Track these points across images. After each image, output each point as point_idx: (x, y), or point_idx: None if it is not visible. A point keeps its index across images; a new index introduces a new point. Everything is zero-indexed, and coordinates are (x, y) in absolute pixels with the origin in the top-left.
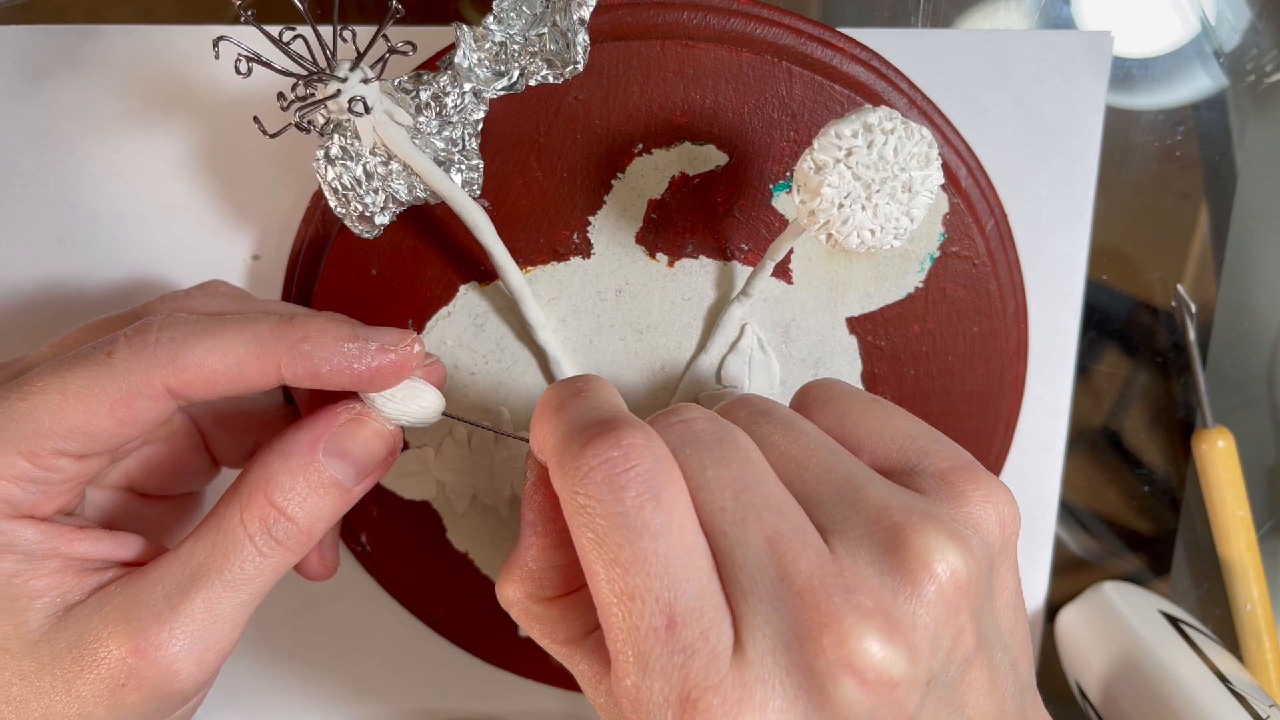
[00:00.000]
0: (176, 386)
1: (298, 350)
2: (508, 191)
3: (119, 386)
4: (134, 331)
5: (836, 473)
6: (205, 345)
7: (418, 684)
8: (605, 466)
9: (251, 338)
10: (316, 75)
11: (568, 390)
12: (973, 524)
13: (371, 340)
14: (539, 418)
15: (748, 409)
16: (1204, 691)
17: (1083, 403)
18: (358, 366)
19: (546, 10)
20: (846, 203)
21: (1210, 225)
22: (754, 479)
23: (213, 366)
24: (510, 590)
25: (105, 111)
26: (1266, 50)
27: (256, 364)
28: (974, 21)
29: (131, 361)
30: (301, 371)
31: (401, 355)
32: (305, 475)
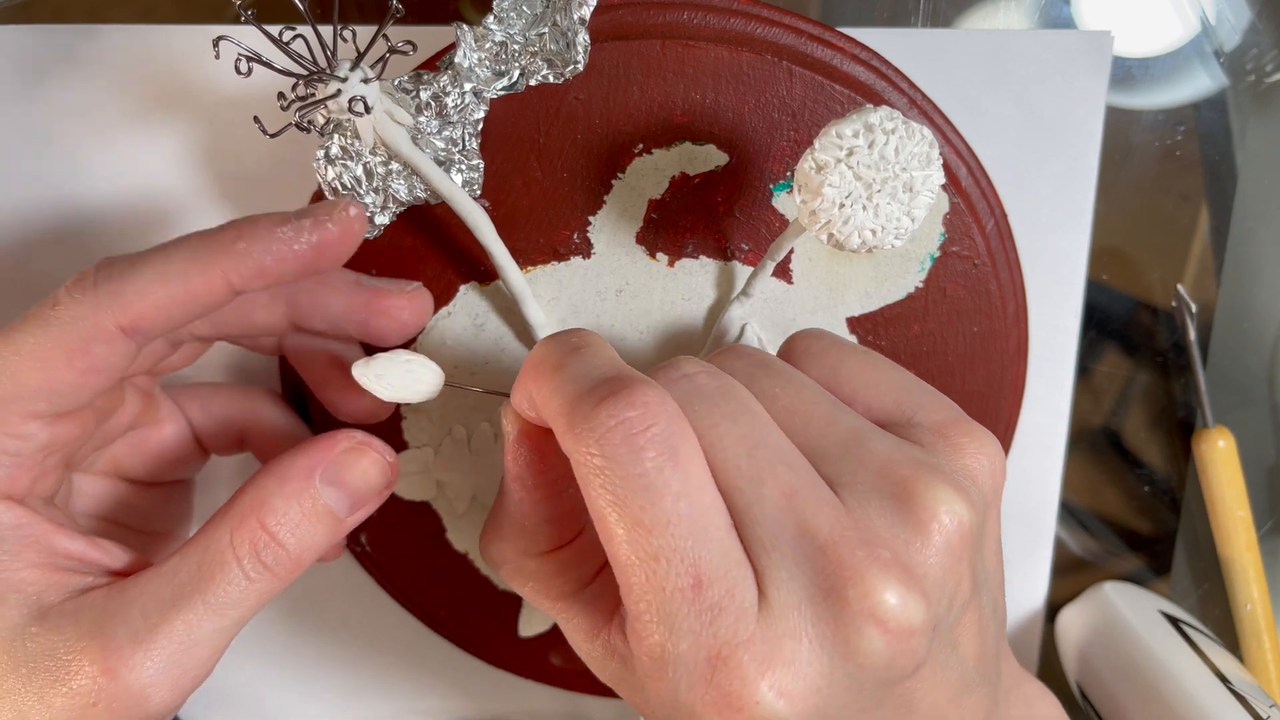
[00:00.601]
0: (128, 323)
1: (234, 251)
2: (508, 191)
3: (70, 335)
4: (73, 280)
5: (840, 426)
6: (144, 275)
7: (418, 684)
8: (622, 427)
9: (188, 253)
10: (316, 75)
11: (564, 346)
12: (969, 475)
13: (304, 217)
14: (535, 375)
15: (743, 360)
16: (1204, 692)
17: (1083, 403)
18: (298, 246)
19: (547, 10)
20: (848, 202)
21: (1210, 225)
22: (763, 434)
23: (158, 293)
24: (499, 548)
25: (105, 111)
26: (1267, 50)
27: (200, 278)
28: (974, 21)
29: (75, 309)
30: (246, 271)
31: (339, 222)
32: (299, 501)
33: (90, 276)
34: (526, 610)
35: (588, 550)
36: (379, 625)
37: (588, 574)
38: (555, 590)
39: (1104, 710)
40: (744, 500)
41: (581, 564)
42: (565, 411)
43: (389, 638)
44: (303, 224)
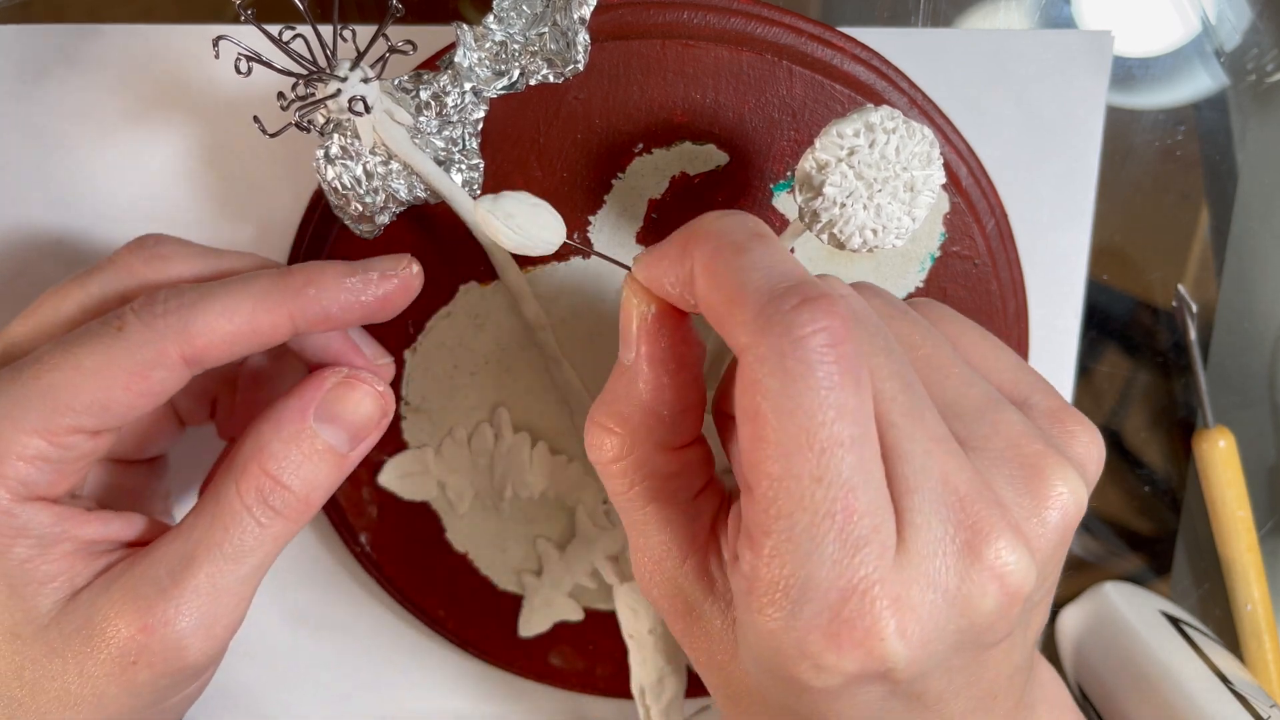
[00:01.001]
0: (191, 354)
1: (304, 296)
2: None
3: (134, 360)
4: (141, 304)
5: (976, 389)
6: (214, 309)
7: (418, 684)
8: (823, 335)
9: (259, 293)
10: (316, 75)
11: (744, 228)
12: (1080, 463)
13: (371, 270)
14: (713, 253)
15: (881, 299)
16: (1205, 692)
17: (1083, 403)
18: (365, 298)
19: (547, 9)
20: (849, 202)
21: (1211, 225)
22: (912, 376)
23: (224, 329)
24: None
25: (105, 111)
26: (1267, 50)
27: (267, 318)
28: (974, 21)
29: (144, 334)
30: (313, 316)
31: (404, 278)
32: (298, 443)
33: (160, 303)
34: (526, 610)
35: (708, 455)
36: (379, 626)
37: (700, 482)
38: (669, 493)
39: (1104, 710)
40: (895, 436)
41: (703, 468)
42: (758, 302)
43: (389, 638)
44: (370, 277)
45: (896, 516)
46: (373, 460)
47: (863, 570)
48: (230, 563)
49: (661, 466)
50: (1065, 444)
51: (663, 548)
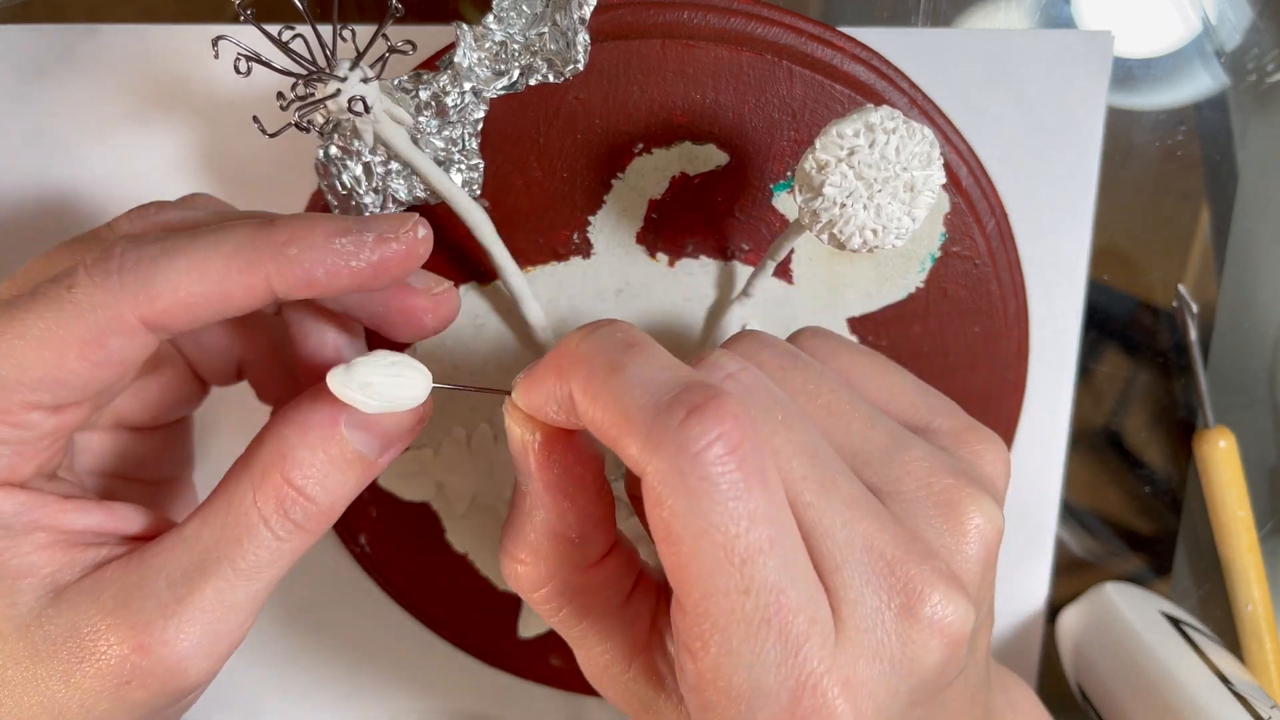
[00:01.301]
0: (151, 317)
1: (284, 255)
2: (508, 191)
3: (86, 325)
4: (95, 259)
5: (880, 430)
6: (178, 265)
7: (418, 684)
8: (718, 445)
9: (231, 249)
10: (316, 75)
11: (614, 343)
12: (990, 482)
13: (367, 230)
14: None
15: (769, 351)
16: (1205, 692)
17: (1084, 403)
18: (356, 263)
19: (547, 9)
20: (849, 202)
21: (1211, 225)
22: (818, 440)
23: (190, 289)
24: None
25: (105, 111)
26: (1268, 50)
27: (240, 279)
28: (974, 21)
29: (96, 294)
30: (294, 279)
31: (405, 242)
32: (326, 450)
33: (116, 258)
34: (526, 610)
35: (629, 557)
36: (378, 626)
37: (628, 584)
38: (599, 606)
39: (1104, 711)
40: (812, 516)
41: (627, 571)
42: (645, 422)
43: (388, 638)
44: (364, 238)
45: (829, 595)
46: None
47: (808, 666)
48: (242, 579)
49: (584, 584)
50: (974, 465)
51: (606, 657)
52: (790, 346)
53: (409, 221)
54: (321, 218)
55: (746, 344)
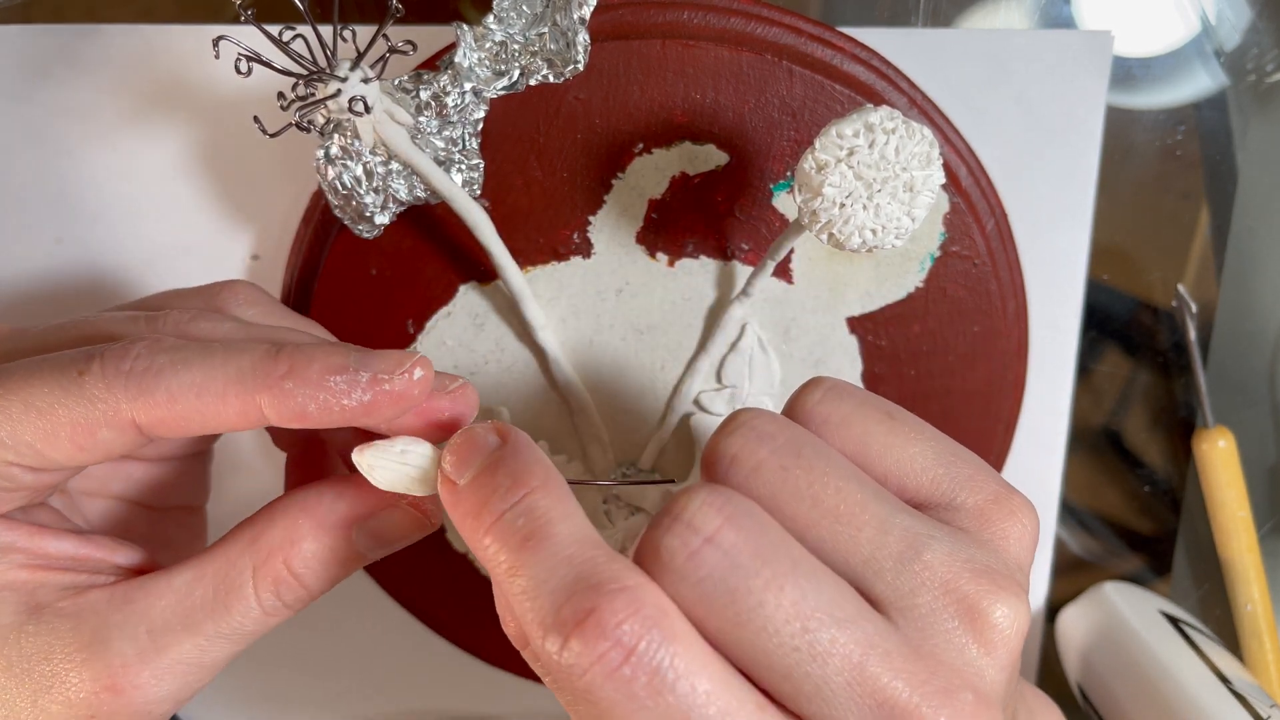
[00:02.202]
0: (146, 423)
1: (279, 388)
2: (508, 191)
3: (83, 412)
4: (111, 354)
5: (893, 534)
6: (182, 379)
7: (418, 684)
8: (601, 665)
9: (234, 374)
10: (316, 75)
11: (513, 538)
12: (1016, 564)
13: (364, 369)
14: (489, 565)
15: (768, 448)
16: (1204, 692)
17: (1083, 403)
18: (347, 402)
19: (547, 9)
20: (848, 202)
21: (1211, 225)
22: (815, 593)
23: (187, 404)
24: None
25: (105, 111)
26: (1267, 50)
27: (235, 403)
28: (974, 21)
29: (100, 388)
30: (286, 411)
31: (399, 386)
32: (333, 548)
33: (130, 358)
34: None
35: None
36: (378, 625)
37: None
38: None
39: (1105, 711)
40: (810, 685)
41: None
42: (535, 634)
43: (389, 638)
44: (358, 378)
45: None
46: None
47: None
48: (223, 641)
49: None
50: (999, 550)
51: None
52: (791, 435)
53: (406, 362)
54: (324, 351)
55: (741, 440)
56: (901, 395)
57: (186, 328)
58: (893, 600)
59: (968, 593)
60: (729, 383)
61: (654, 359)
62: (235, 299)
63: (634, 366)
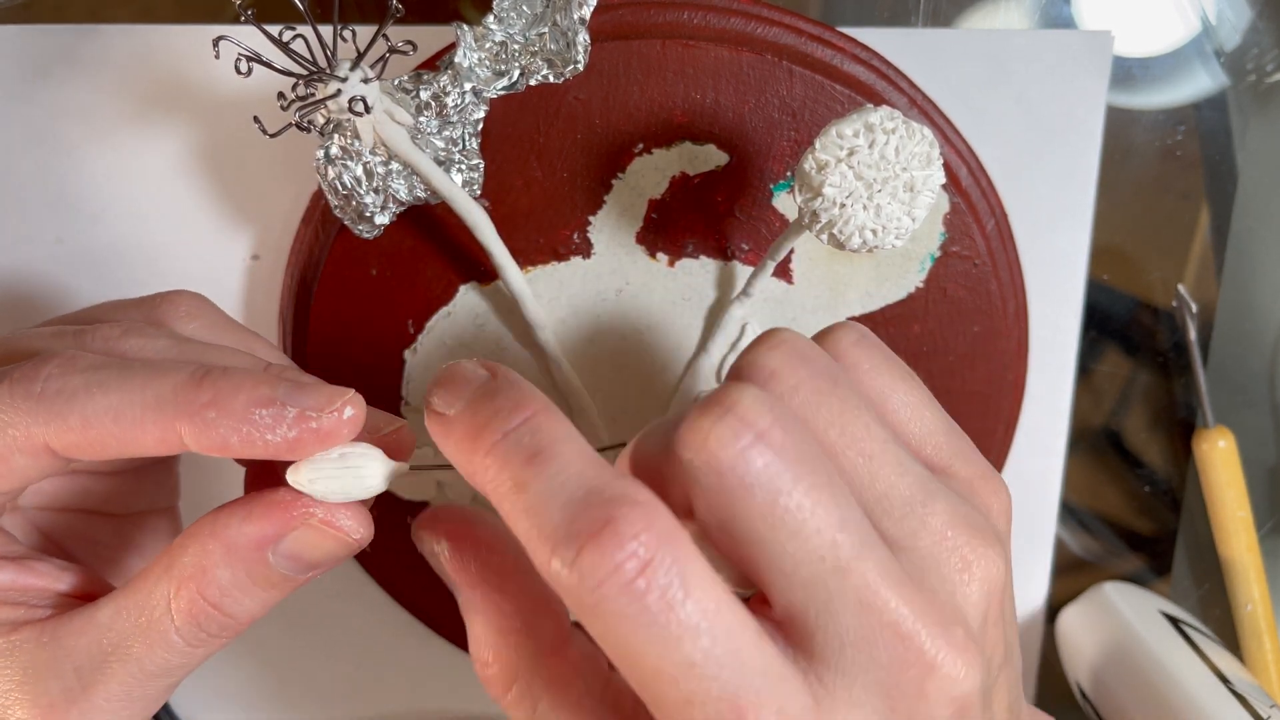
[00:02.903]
0: (61, 447)
1: (201, 417)
2: (508, 191)
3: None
4: (21, 375)
5: (907, 479)
6: (97, 403)
7: (418, 684)
8: (616, 577)
9: (152, 400)
10: (316, 75)
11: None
12: (999, 535)
13: (291, 405)
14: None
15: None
16: (1204, 692)
17: (1083, 403)
18: (271, 438)
19: (547, 10)
20: (848, 202)
21: (1211, 225)
22: (846, 509)
23: (104, 429)
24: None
25: (105, 111)
26: (1267, 50)
27: (155, 429)
28: (974, 21)
29: (11, 414)
30: (207, 442)
31: (326, 425)
32: (250, 572)
33: (40, 380)
34: None
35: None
36: (378, 625)
37: (604, 664)
38: (574, 696)
39: (1105, 711)
40: (825, 596)
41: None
42: (542, 549)
43: (388, 638)
44: (285, 414)
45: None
46: None
47: None
48: (150, 677)
49: (552, 675)
50: (986, 515)
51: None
52: (828, 363)
53: (337, 400)
54: (252, 380)
55: (783, 357)
56: None
57: (116, 344)
58: (897, 537)
59: (961, 544)
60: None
61: (654, 359)
62: (176, 311)
63: (634, 366)
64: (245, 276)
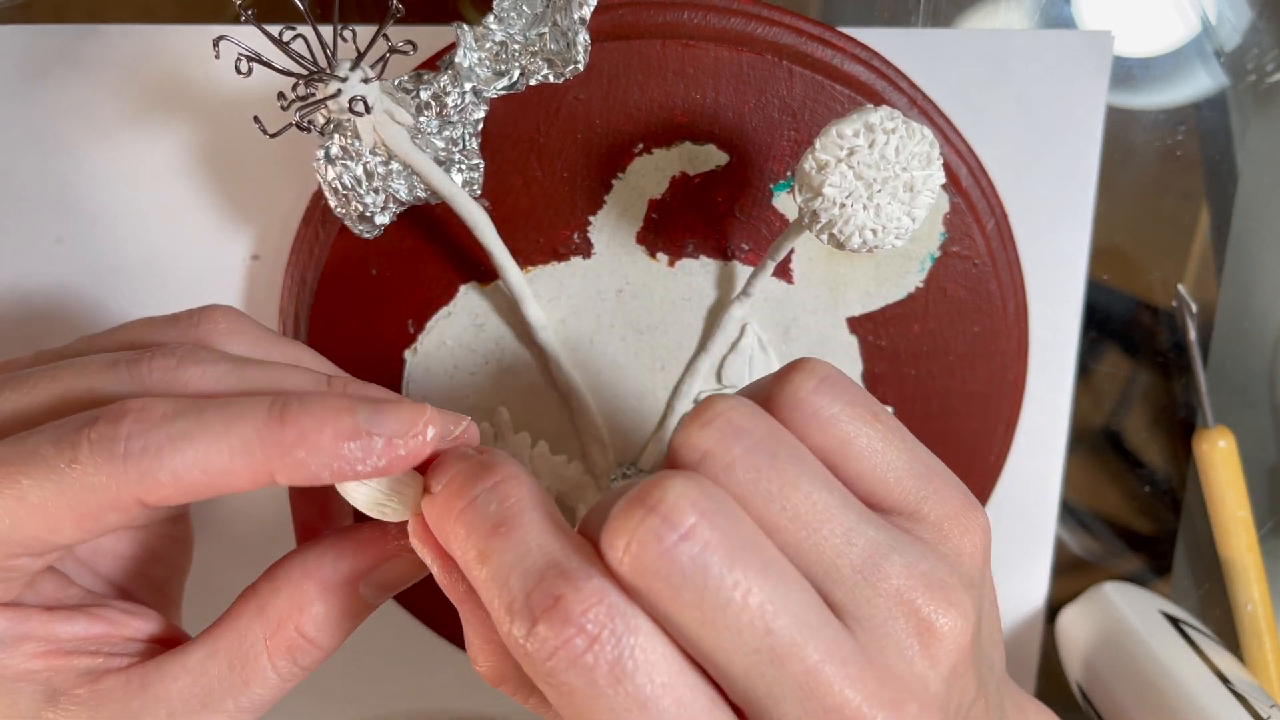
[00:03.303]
0: (152, 500)
1: (291, 457)
2: (508, 191)
3: (85, 502)
4: (99, 435)
5: (857, 545)
6: (186, 458)
7: (418, 684)
8: (565, 650)
9: (238, 444)
10: (317, 75)
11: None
12: (969, 578)
13: (378, 432)
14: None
15: (742, 444)
16: (1204, 692)
17: (1083, 403)
18: (362, 468)
19: (547, 9)
20: (848, 202)
21: (1211, 225)
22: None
23: (194, 479)
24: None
25: (105, 111)
26: (1267, 50)
27: (246, 474)
28: (974, 21)
29: (97, 476)
30: (297, 477)
31: (413, 450)
32: (341, 605)
33: (123, 440)
34: None
35: None
36: (378, 625)
37: None
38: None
39: (1104, 711)
40: (764, 685)
41: None
42: (503, 619)
43: (388, 637)
44: (373, 445)
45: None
46: None
47: None
48: (243, 714)
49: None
50: (954, 563)
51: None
52: (767, 432)
53: (419, 422)
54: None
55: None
56: (901, 395)
57: (175, 375)
58: (849, 607)
59: (920, 605)
60: (729, 383)
61: (654, 359)
62: (216, 329)
63: (634, 366)
64: (245, 276)
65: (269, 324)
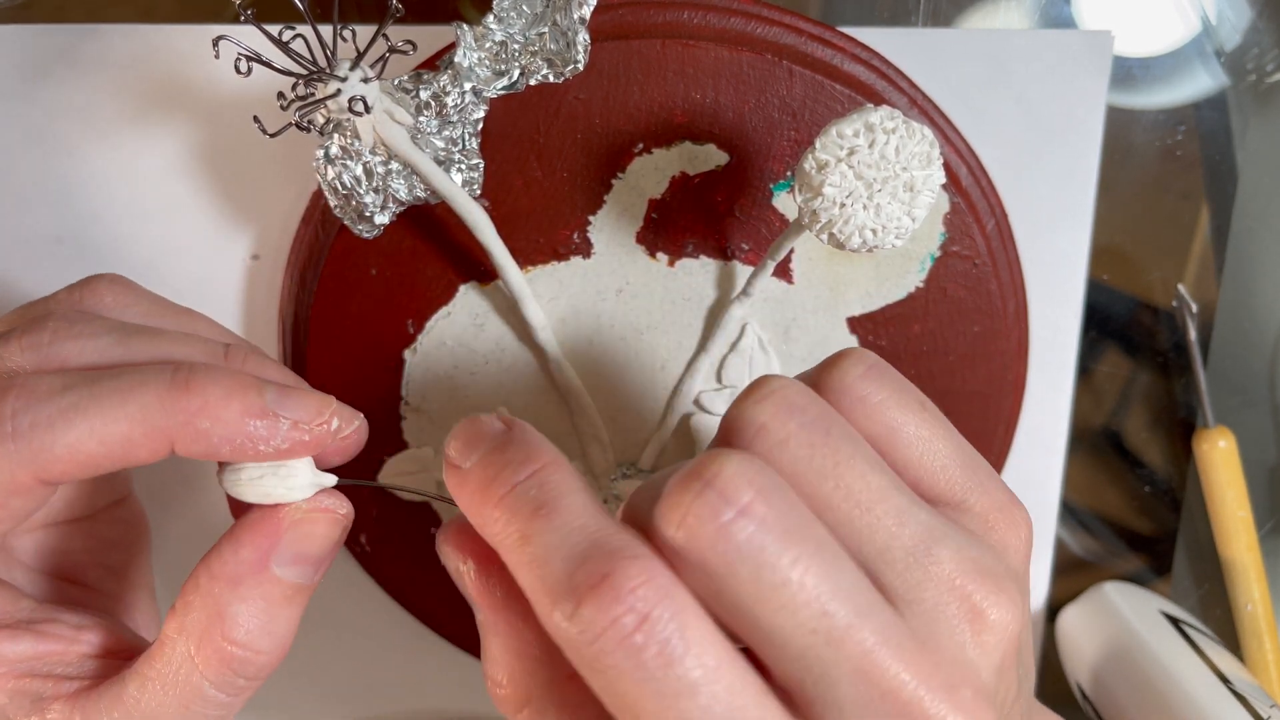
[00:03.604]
0: (52, 477)
1: (193, 426)
2: (508, 191)
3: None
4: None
5: (909, 528)
6: (78, 430)
7: (417, 684)
8: (614, 631)
9: (136, 413)
10: (316, 75)
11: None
12: (1015, 573)
13: (284, 415)
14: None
15: (797, 421)
16: (1205, 692)
17: (1083, 403)
18: (264, 448)
19: (547, 9)
20: (848, 202)
21: (1211, 225)
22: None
23: (91, 451)
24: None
25: (105, 111)
26: (1267, 50)
27: (145, 444)
28: (974, 21)
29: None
30: (198, 450)
31: (317, 436)
32: (263, 595)
33: (8, 420)
34: None
35: None
36: (378, 625)
37: None
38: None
39: (1105, 711)
40: (819, 668)
41: None
42: (544, 602)
43: (388, 638)
44: (279, 427)
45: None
46: (373, 460)
47: None
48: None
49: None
50: (1001, 555)
51: None
52: (821, 411)
53: (325, 412)
54: (239, 386)
55: (772, 409)
56: None
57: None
58: (900, 590)
59: (971, 592)
60: (729, 383)
61: (654, 359)
62: (102, 302)
63: (634, 366)
64: (245, 276)
65: (269, 324)
